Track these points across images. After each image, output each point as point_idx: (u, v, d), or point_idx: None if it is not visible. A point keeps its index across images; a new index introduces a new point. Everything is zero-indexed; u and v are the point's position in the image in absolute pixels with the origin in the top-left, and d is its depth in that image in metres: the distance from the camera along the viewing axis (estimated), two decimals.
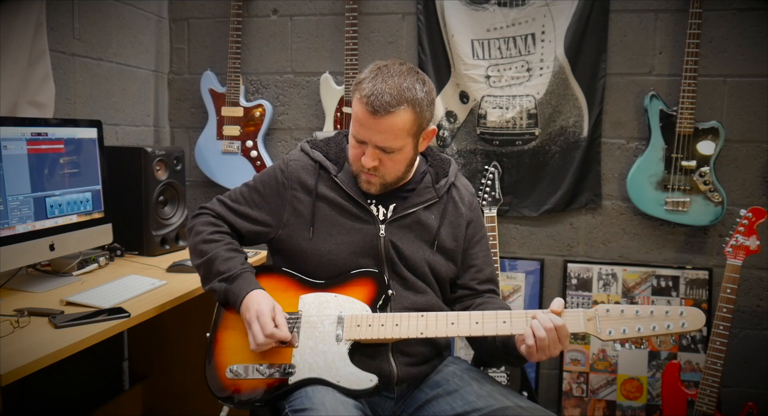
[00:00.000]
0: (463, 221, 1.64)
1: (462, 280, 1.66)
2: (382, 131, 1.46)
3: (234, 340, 1.53)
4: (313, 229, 1.58)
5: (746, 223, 2.29)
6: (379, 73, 1.47)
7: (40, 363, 1.35)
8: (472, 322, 1.43)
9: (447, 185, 1.63)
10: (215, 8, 3.02)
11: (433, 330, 1.44)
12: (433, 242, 1.60)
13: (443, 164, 1.67)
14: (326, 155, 1.63)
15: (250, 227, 1.65)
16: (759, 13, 2.54)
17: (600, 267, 2.76)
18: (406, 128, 1.47)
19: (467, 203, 1.67)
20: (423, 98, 1.48)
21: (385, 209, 1.59)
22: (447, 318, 1.45)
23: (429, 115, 1.52)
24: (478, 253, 1.67)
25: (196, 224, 1.68)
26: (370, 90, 1.44)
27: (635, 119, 2.69)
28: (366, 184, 1.56)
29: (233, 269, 1.55)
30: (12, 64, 2.07)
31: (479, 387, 1.51)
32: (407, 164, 1.56)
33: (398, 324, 1.45)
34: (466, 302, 1.65)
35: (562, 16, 2.65)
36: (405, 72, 1.48)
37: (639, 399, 2.71)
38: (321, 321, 1.50)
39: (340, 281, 1.56)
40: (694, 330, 1.34)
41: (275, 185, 1.64)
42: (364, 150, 1.50)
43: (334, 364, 1.44)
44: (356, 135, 1.51)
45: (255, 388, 1.46)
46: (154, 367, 2.71)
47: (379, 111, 1.43)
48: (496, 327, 1.41)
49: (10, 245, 1.75)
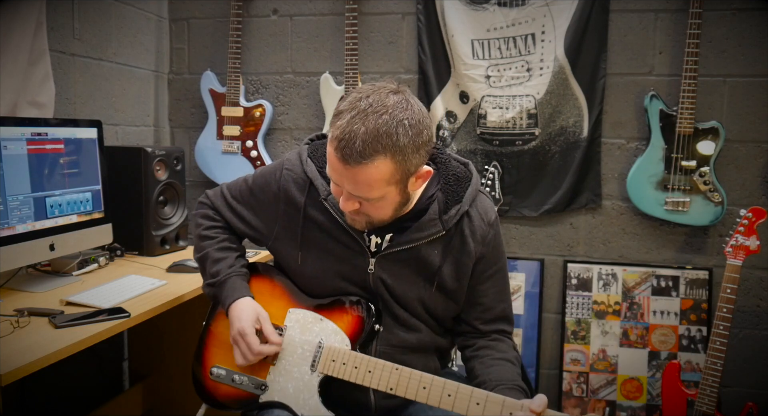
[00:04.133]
0: (469, 260, 1.42)
1: (467, 317, 1.49)
2: (355, 182, 1.23)
3: (222, 340, 1.53)
4: (300, 254, 1.46)
5: (746, 223, 2.28)
6: (356, 109, 1.20)
7: (40, 363, 1.35)
8: (444, 394, 1.28)
9: (458, 216, 1.39)
10: (215, 8, 3.02)
11: (403, 390, 1.33)
12: (433, 281, 1.41)
13: (459, 186, 1.41)
14: (321, 170, 1.43)
15: (243, 229, 1.57)
16: (759, 13, 2.54)
17: (600, 267, 2.76)
18: (385, 179, 1.23)
19: (479, 237, 1.43)
20: (406, 145, 1.20)
21: (380, 238, 1.41)
22: (420, 381, 1.31)
23: (417, 160, 1.25)
24: (488, 290, 1.47)
25: (196, 214, 1.66)
26: (342, 131, 1.19)
27: (635, 119, 2.69)
28: (351, 221, 1.38)
29: (221, 273, 1.52)
30: (12, 64, 2.07)
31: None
32: (394, 208, 1.33)
33: (371, 370, 1.35)
34: (470, 341, 1.49)
35: (562, 16, 2.65)
36: (390, 108, 1.20)
37: (639, 399, 2.71)
38: (301, 344, 1.45)
39: (331, 305, 1.46)
40: None
41: (269, 193, 1.50)
42: (343, 191, 1.29)
43: (301, 394, 1.42)
44: (330, 176, 1.30)
45: (229, 396, 1.49)
46: (154, 367, 2.71)
47: (349, 161, 1.19)
48: (468, 407, 1.28)
49: (10, 245, 1.75)
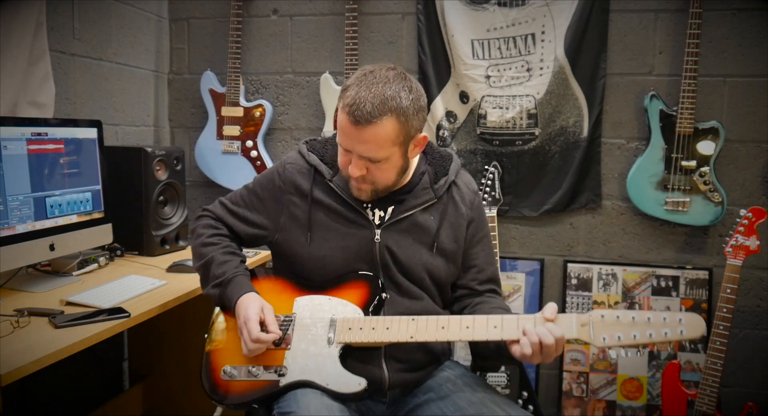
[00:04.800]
0: (463, 221, 1.61)
1: (462, 281, 1.64)
2: (364, 142, 1.41)
3: (229, 342, 1.53)
4: (310, 234, 1.57)
5: (746, 223, 2.29)
6: (363, 80, 1.41)
7: (40, 363, 1.35)
8: (462, 326, 1.40)
9: (446, 185, 1.59)
10: (215, 8, 3.02)
11: (423, 334, 1.41)
12: (433, 244, 1.56)
13: (443, 162, 1.62)
14: (322, 158, 1.60)
15: (248, 230, 1.66)
16: (759, 13, 2.54)
17: (600, 267, 2.76)
18: (391, 138, 1.41)
19: (468, 202, 1.62)
20: (408, 107, 1.41)
21: (383, 212, 1.56)
22: (438, 321, 1.42)
23: (417, 123, 1.45)
24: (479, 253, 1.64)
25: (197, 226, 1.69)
26: (352, 99, 1.39)
27: (635, 119, 2.69)
28: (357, 191, 1.53)
29: (227, 273, 1.56)
30: (12, 64, 2.07)
31: (472, 394, 1.49)
32: (397, 172, 1.50)
33: (389, 327, 1.43)
34: (465, 301, 1.63)
35: (562, 16, 2.65)
36: (391, 78, 1.41)
37: (639, 399, 2.71)
38: (314, 323, 1.50)
39: (334, 284, 1.55)
40: (694, 337, 1.24)
41: (272, 189, 1.63)
42: (351, 158, 1.47)
43: (324, 367, 1.44)
44: (341, 144, 1.48)
45: (247, 389, 1.47)
46: (154, 367, 2.71)
47: (361, 121, 1.38)
48: (487, 332, 1.37)
49: (10, 245, 1.75)
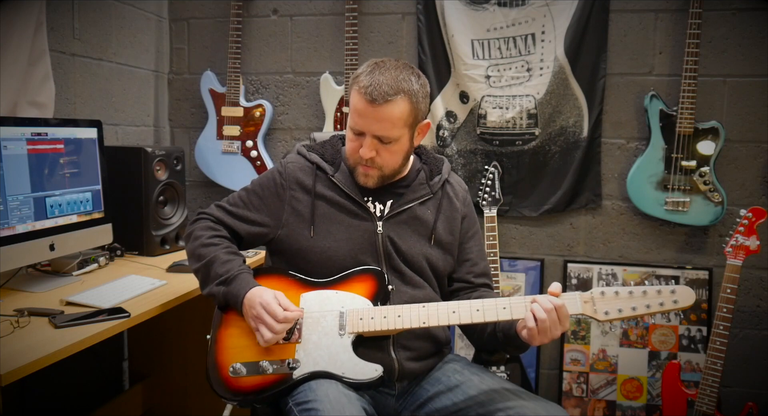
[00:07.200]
0: (458, 215, 1.69)
1: (458, 274, 1.70)
2: (380, 120, 1.51)
3: (235, 340, 1.53)
4: (313, 227, 1.61)
5: (746, 223, 2.29)
6: (376, 68, 1.54)
7: (40, 363, 1.35)
8: (473, 310, 1.46)
9: (441, 182, 1.69)
10: (215, 8, 3.02)
11: (435, 320, 1.46)
12: (430, 236, 1.64)
13: (437, 162, 1.73)
14: (322, 157, 1.67)
15: (249, 229, 1.67)
16: (759, 13, 2.54)
17: (600, 267, 2.76)
18: (403, 118, 1.52)
19: (461, 198, 1.72)
20: (419, 90, 1.54)
21: (382, 205, 1.63)
22: (448, 307, 1.48)
23: (424, 107, 1.58)
24: (472, 247, 1.72)
25: (194, 229, 1.69)
26: (368, 81, 1.51)
27: (635, 119, 2.69)
28: (363, 177, 1.60)
29: (231, 271, 1.56)
30: (12, 64, 2.07)
31: (480, 382, 1.53)
32: (404, 155, 1.60)
33: (400, 315, 1.48)
34: (462, 295, 1.68)
35: (562, 16, 2.65)
36: (401, 66, 1.56)
37: (639, 399, 2.71)
38: (323, 316, 1.51)
39: (340, 279, 1.58)
40: (686, 306, 1.38)
41: (273, 187, 1.66)
42: (362, 142, 1.55)
43: (338, 357, 1.45)
44: (354, 126, 1.56)
45: (259, 384, 1.46)
46: (154, 367, 2.71)
47: (378, 100, 1.49)
48: (497, 313, 1.44)
49: (10, 245, 1.75)
